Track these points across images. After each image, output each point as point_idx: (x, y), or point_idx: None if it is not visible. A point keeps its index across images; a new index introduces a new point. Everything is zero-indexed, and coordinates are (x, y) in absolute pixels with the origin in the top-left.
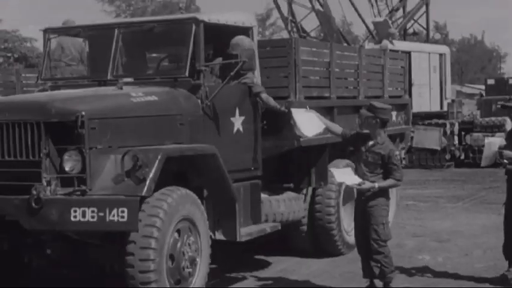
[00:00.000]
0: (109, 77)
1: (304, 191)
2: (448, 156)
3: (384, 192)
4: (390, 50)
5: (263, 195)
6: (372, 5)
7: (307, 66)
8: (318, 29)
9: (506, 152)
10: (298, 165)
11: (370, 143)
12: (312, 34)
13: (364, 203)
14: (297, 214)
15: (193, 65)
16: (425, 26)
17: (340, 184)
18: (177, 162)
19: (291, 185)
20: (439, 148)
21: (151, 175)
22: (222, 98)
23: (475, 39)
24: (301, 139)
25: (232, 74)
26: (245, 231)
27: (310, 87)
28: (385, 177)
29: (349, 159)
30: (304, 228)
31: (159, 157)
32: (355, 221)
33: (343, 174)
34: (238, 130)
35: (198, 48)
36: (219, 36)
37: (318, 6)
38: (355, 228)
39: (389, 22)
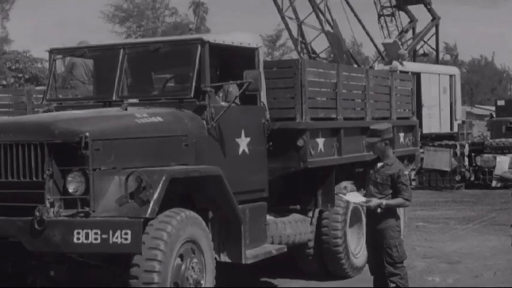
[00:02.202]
0: (114, 97)
1: (311, 213)
2: (458, 178)
3: (393, 213)
4: (400, 71)
5: (269, 217)
6: (382, 26)
7: (313, 87)
8: (328, 50)
9: (507, 174)
10: (304, 187)
11: (379, 164)
12: (322, 55)
13: (374, 225)
14: (303, 236)
15: (198, 85)
16: (435, 47)
17: (347, 206)
18: (182, 184)
19: (298, 206)
20: (449, 169)
21: (155, 197)
22: (228, 119)
23: (485, 60)
24: (308, 160)
25: (237, 95)
26: (251, 254)
27: (316, 108)
28: (394, 198)
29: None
30: (311, 250)
31: (164, 178)
32: (366, 243)
33: (350, 194)
34: (243, 151)
35: (204, 69)
36: (225, 57)
37: (327, 28)
38: (367, 249)
39: (399, 43)
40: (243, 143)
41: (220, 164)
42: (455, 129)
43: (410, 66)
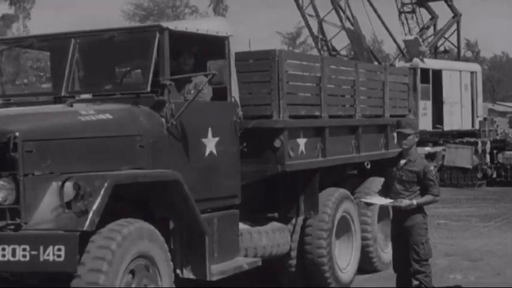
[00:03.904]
0: (63, 93)
1: (293, 221)
2: (479, 175)
3: (420, 210)
4: (420, 68)
5: (243, 227)
6: (403, 23)
7: (294, 81)
8: (348, 47)
9: None
10: (284, 192)
11: (402, 161)
12: (342, 52)
13: (401, 222)
14: (282, 248)
15: (157, 78)
16: (456, 44)
17: (333, 214)
18: (135, 191)
19: (276, 214)
20: (470, 167)
21: (95, 206)
22: (192, 117)
23: (507, 56)
24: (286, 163)
25: (200, 88)
26: (217, 269)
27: (297, 105)
28: (422, 194)
29: (344, 188)
30: (293, 262)
31: (106, 185)
32: (392, 241)
33: (372, 198)
34: (211, 153)
35: (163, 60)
36: (195, 47)
37: (348, 25)
38: (392, 248)
39: (420, 40)
40: (210, 143)
41: (183, 167)
42: (477, 126)
43: (431, 63)
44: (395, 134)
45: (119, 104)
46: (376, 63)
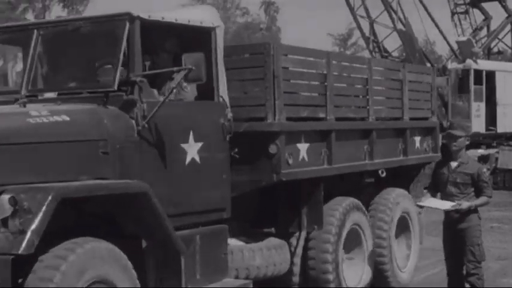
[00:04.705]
0: (23, 92)
1: (296, 236)
2: None
3: (476, 212)
4: (474, 70)
5: (235, 244)
6: (456, 24)
7: (294, 79)
8: (400, 48)
9: None
10: (284, 204)
11: (454, 164)
12: (394, 54)
13: (455, 225)
14: (279, 267)
15: (127, 74)
16: (510, 45)
17: (340, 225)
18: (100, 205)
19: (272, 229)
20: None
21: (34, 225)
22: (169, 119)
23: None
24: (283, 172)
25: (174, 86)
26: None
27: (297, 105)
28: (476, 196)
29: (358, 198)
30: (296, 279)
31: (50, 198)
32: (444, 245)
33: (430, 202)
34: (193, 160)
35: (133, 53)
36: (170, 40)
37: (400, 26)
38: (445, 253)
39: (473, 41)
40: (192, 149)
41: (157, 177)
42: None
43: (485, 64)
44: (439, 136)
45: (83, 104)
46: (428, 64)
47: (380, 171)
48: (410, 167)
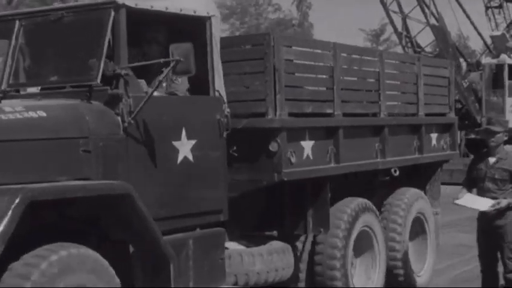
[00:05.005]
0: (3, 86)
1: (302, 239)
2: None
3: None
4: (508, 64)
5: (234, 248)
6: (490, 19)
7: (298, 72)
8: (433, 44)
9: None
10: (289, 205)
11: (492, 160)
12: (427, 49)
13: (490, 223)
14: (281, 273)
15: (111, 67)
16: None
17: (349, 228)
18: (81, 207)
19: (274, 232)
20: None
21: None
22: (159, 115)
23: None
24: (285, 171)
25: (161, 79)
26: None
27: (301, 100)
28: None
29: (371, 199)
30: (302, 285)
31: (16, 202)
32: (478, 242)
33: (467, 201)
34: (185, 159)
35: (118, 44)
36: (161, 31)
37: (433, 21)
38: (479, 250)
39: (508, 36)
40: (184, 147)
41: (145, 177)
42: None
43: None
44: (458, 134)
45: (66, 99)
46: (461, 59)
47: (393, 170)
48: (427, 166)
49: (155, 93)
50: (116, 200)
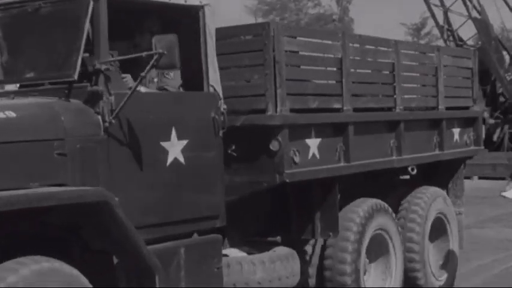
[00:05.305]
0: None
1: (311, 243)
2: None
3: None
4: None
5: (234, 255)
6: None
7: (302, 64)
8: (476, 37)
9: None
10: (295, 208)
11: None
12: (469, 42)
13: None
14: (285, 281)
15: (91, 62)
16: None
17: (361, 231)
18: (59, 216)
19: (278, 238)
20: None
21: None
22: (145, 113)
23: None
24: (287, 171)
25: (143, 74)
26: None
27: (305, 95)
28: None
29: (380, 198)
30: None
31: None
32: None
33: None
34: (176, 161)
35: (98, 37)
36: (149, 21)
37: (475, 14)
38: None
39: None
40: (175, 148)
41: (130, 182)
42: None
43: None
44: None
45: (42, 97)
46: (504, 52)
47: (410, 168)
48: (448, 163)
49: (144, 89)
50: (93, 207)
